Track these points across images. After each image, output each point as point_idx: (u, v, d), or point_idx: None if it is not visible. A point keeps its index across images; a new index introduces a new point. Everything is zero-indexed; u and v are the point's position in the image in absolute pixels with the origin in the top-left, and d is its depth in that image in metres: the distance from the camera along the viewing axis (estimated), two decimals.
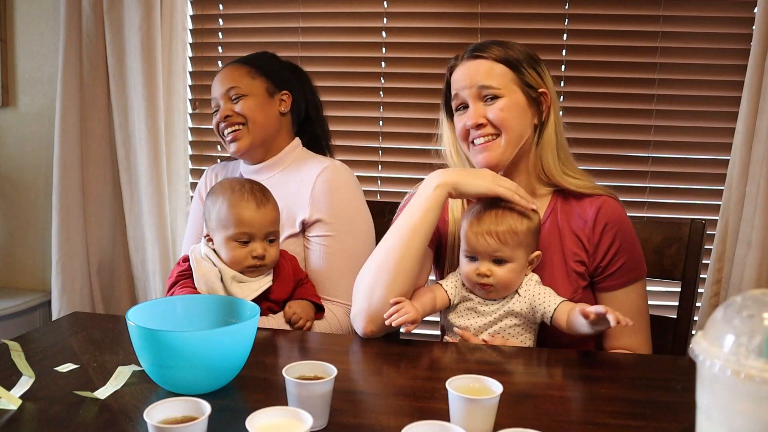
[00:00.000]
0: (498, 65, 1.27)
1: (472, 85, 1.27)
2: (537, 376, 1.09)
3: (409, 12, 2.20)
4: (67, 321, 1.32)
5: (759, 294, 0.60)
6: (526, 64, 1.29)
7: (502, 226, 1.18)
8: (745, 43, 1.93)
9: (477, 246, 1.19)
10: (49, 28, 2.32)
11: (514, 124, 1.26)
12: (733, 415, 0.58)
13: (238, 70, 1.54)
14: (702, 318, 1.93)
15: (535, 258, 1.22)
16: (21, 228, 2.44)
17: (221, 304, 1.10)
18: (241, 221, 1.30)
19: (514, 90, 1.27)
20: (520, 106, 1.27)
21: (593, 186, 1.30)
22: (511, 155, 1.27)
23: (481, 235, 1.18)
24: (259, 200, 1.32)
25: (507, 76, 1.27)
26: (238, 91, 1.51)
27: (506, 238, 1.17)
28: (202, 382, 0.93)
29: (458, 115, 1.32)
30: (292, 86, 1.59)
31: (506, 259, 1.18)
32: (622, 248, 1.26)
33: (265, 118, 1.52)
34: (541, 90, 1.29)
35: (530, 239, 1.20)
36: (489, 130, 1.26)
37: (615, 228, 1.26)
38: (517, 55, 1.29)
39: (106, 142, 2.25)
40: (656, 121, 2.08)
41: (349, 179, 1.52)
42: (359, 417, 0.88)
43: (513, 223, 1.18)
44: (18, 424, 0.85)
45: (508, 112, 1.25)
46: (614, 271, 1.26)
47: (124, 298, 2.33)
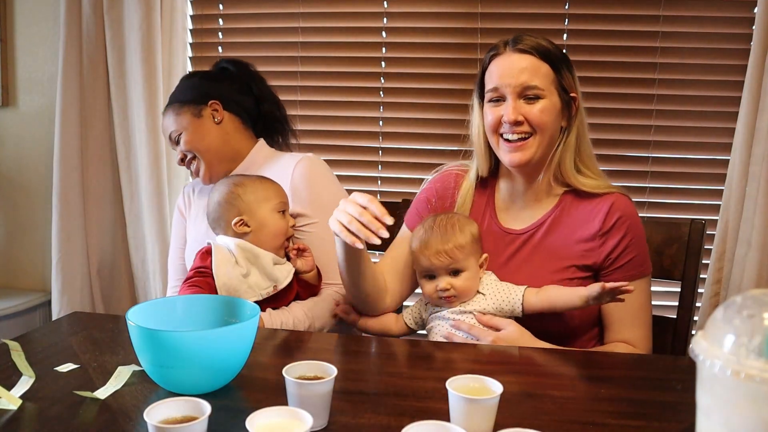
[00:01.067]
0: (543, 65, 1.27)
1: (517, 83, 1.25)
2: (537, 376, 1.09)
3: (409, 12, 2.20)
4: (67, 321, 1.32)
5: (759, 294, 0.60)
6: (565, 66, 1.30)
7: (448, 244, 1.24)
8: (745, 43, 1.93)
9: (431, 267, 1.26)
10: (49, 28, 2.32)
11: (549, 126, 1.27)
12: (733, 415, 0.58)
13: (168, 115, 1.56)
14: (702, 318, 1.93)
15: (484, 260, 1.28)
16: (21, 228, 2.44)
17: (221, 304, 1.10)
18: (278, 192, 1.40)
19: (553, 92, 1.27)
20: (556, 108, 1.28)
21: (608, 186, 1.32)
22: (541, 156, 1.29)
23: (433, 257, 1.25)
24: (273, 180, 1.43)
25: (549, 76, 1.27)
26: (174, 133, 1.55)
27: (455, 253, 1.24)
28: (202, 382, 0.93)
29: (491, 106, 1.30)
30: (216, 91, 1.57)
31: (460, 269, 1.25)
32: (633, 242, 1.28)
33: (204, 139, 1.53)
34: (572, 94, 1.30)
35: (475, 246, 1.27)
36: (525, 129, 1.26)
37: (627, 222, 1.28)
38: (559, 55, 1.29)
39: (106, 142, 2.25)
40: (656, 121, 2.08)
41: (324, 168, 1.56)
42: (359, 417, 0.88)
43: (457, 239, 1.25)
44: (18, 424, 0.85)
45: (547, 115, 1.26)
46: (623, 264, 1.28)
47: (124, 298, 2.33)
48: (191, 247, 1.57)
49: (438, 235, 1.26)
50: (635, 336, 1.28)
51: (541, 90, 1.25)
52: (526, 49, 1.27)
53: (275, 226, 1.37)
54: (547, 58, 1.27)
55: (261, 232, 1.36)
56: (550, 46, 1.29)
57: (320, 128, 2.27)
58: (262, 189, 1.39)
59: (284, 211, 1.40)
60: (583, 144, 1.33)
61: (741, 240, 1.85)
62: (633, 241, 1.28)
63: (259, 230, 1.36)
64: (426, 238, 1.27)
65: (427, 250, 1.26)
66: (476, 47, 2.15)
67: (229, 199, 1.38)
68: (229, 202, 1.38)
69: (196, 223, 1.60)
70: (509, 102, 1.26)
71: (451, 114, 2.18)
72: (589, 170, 1.32)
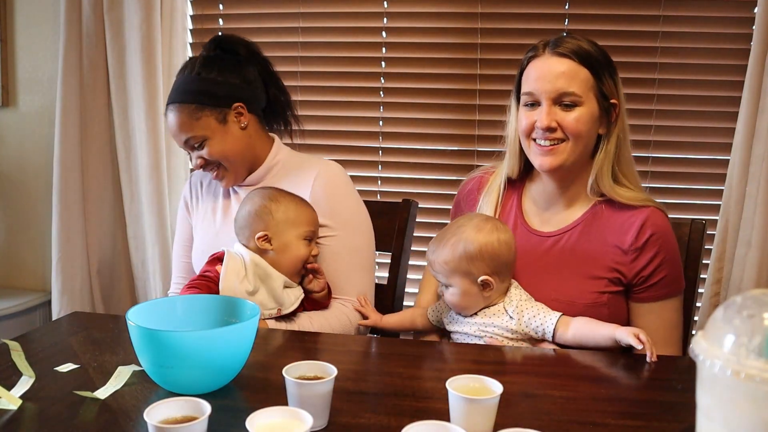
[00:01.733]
0: (582, 69, 1.22)
1: (552, 89, 1.21)
2: (537, 376, 1.09)
3: (409, 12, 2.19)
4: (67, 321, 1.32)
5: (759, 294, 0.60)
6: (606, 71, 1.24)
7: (437, 256, 1.25)
8: (745, 43, 1.93)
9: (432, 271, 1.29)
10: (49, 28, 2.32)
11: (584, 134, 1.23)
12: (733, 415, 0.58)
13: (181, 116, 1.40)
14: (702, 318, 1.93)
15: (483, 282, 1.22)
16: (21, 228, 2.44)
17: (221, 304, 1.10)
18: (310, 220, 1.37)
19: (591, 99, 1.23)
20: (593, 116, 1.23)
21: (644, 199, 1.27)
22: (573, 162, 1.25)
23: (429, 263, 1.29)
24: (311, 205, 1.39)
25: (588, 82, 1.22)
26: (196, 140, 1.42)
27: (440, 267, 1.25)
28: (202, 382, 0.93)
29: (526, 110, 1.26)
30: (240, 92, 1.45)
31: (447, 284, 1.26)
32: (666, 260, 1.24)
33: (232, 146, 1.43)
34: (613, 101, 1.25)
35: (467, 266, 1.22)
36: (558, 135, 1.23)
37: (660, 240, 1.23)
38: (601, 59, 1.24)
39: (106, 142, 2.25)
40: (656, 121, 2.08)
41: (345, 178, 1.51)
42: (359, 417, 0.88)
43: (444, 255, 1.24)
44: (18, 424, 0.85)
45: (582, 124, 1.22)
46: (655, 283, 1.24)
47: (124, 298, 2.33)
48: (198, 248, 1.53)
49: (436, 244, 1.27)
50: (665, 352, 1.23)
51: (578, 97, 1.21)
52: (565, 52, 1.22)
53: (297, 253, 1.34)
54: (587, 62, 1.22)
55: (281, 254, 1.33)
56: (592, 49, 1.24)
57: (320, 128, 2.27)
58: (294, 211, 1.35)
59: (311, 240, 1.36)
60: (624, 152, 1.28)
61: (741, 240, 1.85)
62: (666, 259, 1.24)
63: (280, 252, 1.33)
64: (434, 241, 1.28)
65: (430, 255, 1.28)
66: (476, 47, 2.15)
67: (260, 213, 1.34)
68: (259, 215, 1.34)
69: (205, 222, 1.55)
70: (543, 108, 1.22)
71: (451, 114, 2.18)
72: (627, 180, 1.28)
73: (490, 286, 1.22)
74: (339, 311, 1.42)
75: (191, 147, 1.44)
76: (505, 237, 1.24)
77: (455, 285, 1.24)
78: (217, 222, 1.52)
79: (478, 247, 1.21)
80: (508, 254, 1.24)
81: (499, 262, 1.22)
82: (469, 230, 1.23)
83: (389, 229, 1.62)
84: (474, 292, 1.23)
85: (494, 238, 1.22)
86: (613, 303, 1.25)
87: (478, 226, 1.24)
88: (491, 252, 1.21)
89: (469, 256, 1.21)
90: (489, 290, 1.23)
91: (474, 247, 1.21)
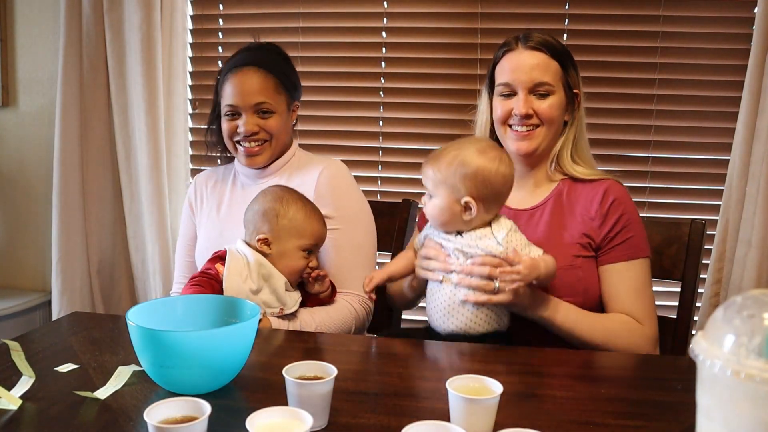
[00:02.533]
0: (553, 62, 1.34)
1: (528, 80, 1.33)
2: (537, 376, 1.09)
3: (409, 12, 2.20)
4: (67, 321, 1.32)
5: (759, 294, 0.60)
6: (571, 63, 1.38)
7: (432, 164, 1.24)
8: (745, 43, 1.93)
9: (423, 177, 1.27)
10: (49, 28, 2.32)
11: (556, 120, 1.36)
12: (733, 415, 0.58)
13: (266, 82, 1.48)
14: (702, 318, 1.93)
15: (465, 203, 1.20)
16: (21, 228, 2.44)
17: (221, 304, 1.10)
18: (314, 233, 1.35)
19: (560, 88, 1.36)
20: (562, 104, 1.37)
21: (601, 173, 1.39)
22: (545, 147, 1.37)
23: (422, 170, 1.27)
24: (322, 217, 1.39)
25: (558, 73, 1.35)
26: (268, 107, 1.47)
27: (431, 174, 1.24)
28: (202, 382, 0.93)
29: (502, 99, 1.37)
30: (300, 92, 1.60)
31: (432, 194, 1.24)
32: (629, 224, 1.32)
33: (285, 135, 1.54)
34: (575, 91, 1.39)
35: (456, 182, 1.20)
36: (533, 121, 1.34)
37: (623, 204, 1.33)
38: (566, 53, 1.37)
39: (106, 142, 2.25)
40: (656, 121, 2.08)
41: (349, 176, 1.55)
42: (359, 417, 0.88)
43: (438, 164, 1.23)
44: (18, 424, 0.85)
45: (555, 110, 1.35)
46: (619, 244, 1.31)
47: (124, 298, 2.33)
48: (202, 245, 1.54)
49: (435, 152, 1.26)
50: (640, 311, 1.30)
51: (551, 86, 1.34)
52: (537, 46, 1.34)
53: (293, 263, 1.33)
54: (556, 55, 1.35)
55: (278, 260, 1.33)
56: (558, 45, 1.37)
57: (320, 128, 2.27)
58: (301, 222, 1.34)
59: (311, 252, 1.36)
60: (581, 138, 1.41)
61: (741, 240, 1.85)
62: (629, 223, 1.32)
63: (277, 257, 1.33)
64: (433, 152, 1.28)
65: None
66: (476, 47, 2.15)
67: (267, 214, 1.34)
68: (265, 215, 1.34)
69: (210, 220, 1.56)
70: (520, 97, 1.34)
71: (451, 114, 2.18)
72: (583, 161, 1.40)
73: (470, 210, 1.20)
74: (339, 303, 1.42)
75: (256, 111, 1.47)
76: (505, 170, 1.22)
77: (439, 197, 1.23)
78: (222, 217, 1.54)
79: (474, 168, 1.20)
80: (502, 187, 1.22)
81: (490, 191, 1.21)
82: (472, 150, 1.22)
83: (389, 229, 1.62)
84: (455, 210, 1.21)
85: (494, 166, 1.21)
86: (585, 267, 1.32)
87: (482, 149, 1.23)
88: (485, 177, 1.20)
89: (462, 173, 1.20)
90: (469, 215, 1.21)
91: (470, 167, 1.20)
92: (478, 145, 1.24)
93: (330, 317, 1.38)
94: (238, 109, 1.47)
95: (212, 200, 1.58)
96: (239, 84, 1.47)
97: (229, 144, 1.52)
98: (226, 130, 1.50)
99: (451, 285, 1.21)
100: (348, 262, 1.46)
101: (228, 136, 1.51)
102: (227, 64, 1.55)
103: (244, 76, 1.47)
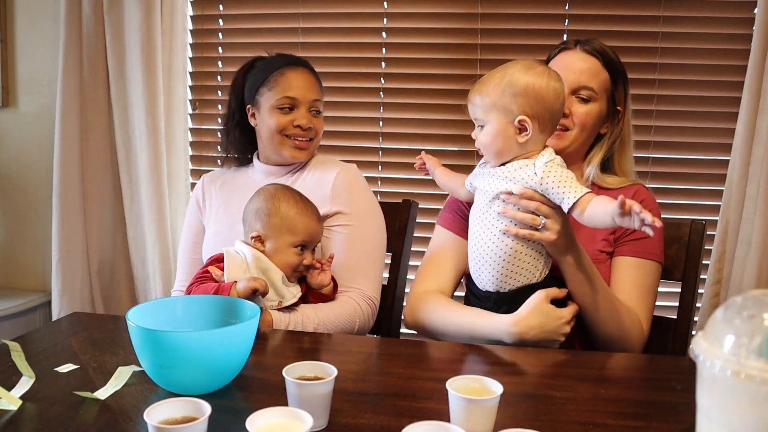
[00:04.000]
0: (604, 71, 1.35)
1: (575, 81, 1.32)
2: (537, 376, 1.09)
3: (410, 12, 2.20)
4: (67, 321, 1.32)
5: (759, 294, 0.60)
6: (621, 80, 1.38)
7: (478, 90, 1.20)
8: (745, 44, 1.93)
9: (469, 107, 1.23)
10: (49, 28, 2.32)
11: (590, 128, 1.35)
12: (733, 415, 0.58)
13: (317, 84, 1.56)
14: (702, 318, 1.93)
15: (520, 123, 1.17)
16: (21, 228, 2.44)
17: (221, 304, 1.10)
18: (307, 230, 1.35)
19: (603, 99, 1.35)
20: (601, 115, 1.36)
21: (632, 181, 1.39)
22: (574, 150, 1.36)
23: (468, 99, 1.23)
24: (316, 213, 1.39)
25: (605, 84, 1.35)
26: (319, 106, 1.55)
27: (479, 101, 1.20)
28: (202, 382, 0.93)
29: None
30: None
31: (483, 123, 1.21)
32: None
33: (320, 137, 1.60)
34: (619, 107, 1.38)
35: (507, 102, 1.17)
36: (567, 123, 1.33)
37: (649, 207, 1.26)
38: (620, 69, 1.37)
39: (106, 142, 2.25)
40: (656, 122, 2.08)
41: (363, 179, 1.59)
42: (359, 417, 0.88)
43: (486, 88, 1.19)
44: (18, 425, 0.85)
45: (591, 118, 1.33)
46: (634, 240, 1.31)
47: (124, 298, 2.33)
48: (212, 239, 1.55)
49: (480, 80, 1.21)
50: (641, 311, 1.29)
51: (594, 93, 1.33)
52: (593, 51, 1.35)
53: (286, 260, 1.34)
54: (609, 66, 1.35)
55: (273, 256, 1.34)
56: (615, 57, 1.37)
57: None
58: (292, 218, 1.35)
59: (304, 248, 1.36)
60: (622, 155, 1.40)
61: (741, 240, 1.85)
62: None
63: (271, 254, 1.34)
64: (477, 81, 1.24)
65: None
66: (476, 48, 2.15)
67: (260, 212, 1.36)
68: (257, 214, 1.36)
69: (218, 215, 1.57)
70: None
71: (451, 114, 2.18)
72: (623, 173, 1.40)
73: (526, 130, 1.17)
74: (344, 300, 1.42)
75: (310, 108, 1.53)
76: (555, 84, 1.19)
77: (491, 123, 1.19)
78: (233, 211, 1.53)
79: (525, 84, 1.17)
80: (555, 102, 1.18)
81: (543, 107, 1.17)
82: (517, 68, 1.19)
83: (389, 229, 1.62)
84: (509, 133, 1.18)
85: (543, 80, 1.17)
86: (609, 264, 1.33)
87: (529, 65, 1.19)
88: (536, 92, 1.17)
89: (512, 91, 1.17)
90: (525, 135, 1.17)
91: (520, 84, 1.17)
92: (523, 63, 1.20)
93: (334, 313, 1.38)
94: (297, 102, 1.51)
95: (222, 197, 1.60)
96: (298, 79, 1.52)
97: (274, 138, 1.52)
98: (277, 124, 1.51)
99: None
100: (358, 258, 1.47)
101: (278, 129, 1.51)
102: (271, 63, 1.56)
103: (302, 73, 1.54)
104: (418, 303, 1.36)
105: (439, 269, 1.40)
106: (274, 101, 1.51)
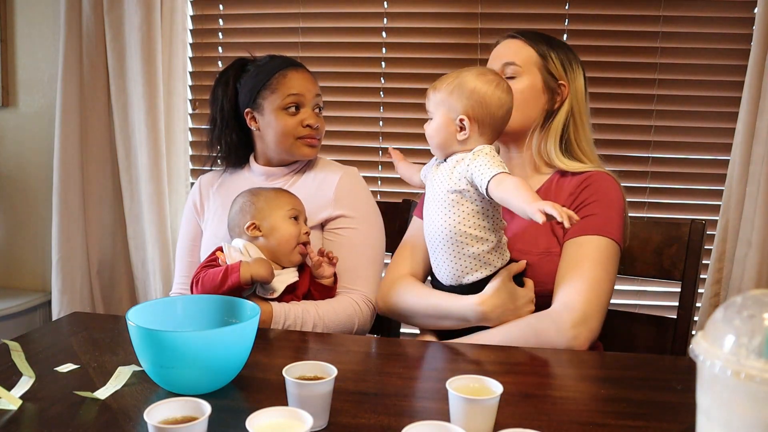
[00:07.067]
0: (527, 47, 1.37)
1: (500, 63, 1.37)
2: (537, 376, 1.09)
3: (410, 12, 2.20)
4: (67, 321, 1.32)
5: (759, 294, 0.60)
6: (555, 55, 1.37)
7: (433, 87, 1.27)
8: (745, 44, 1.93)
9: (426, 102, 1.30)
10: (49, 28, 2.32)
11: (523, 102, 1.33)
12: (733, 415, 0.58)
13: (317, 83, 1.57)
14: (702, 318, 1.93)
15: (460, 121, 1.22)
16: (21, 228, 2.44)
17: (221, 304, 1.10)
18: (291, 201, 1.40)
19: (534, 72, 1.35)
20: (535, 88, 1.35)
21: (593, 166, 1.35)
22: (516, 129, 1.35)
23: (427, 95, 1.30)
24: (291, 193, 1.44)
25: (532, 58, 1.36)
26: (321, 102, 1.57)
27: (431, 95, 1.27)
28: (202, 382, 0.93)
29: None
30: None
31: (431, 116, 1.28)
32: (597, 202, 1.28)
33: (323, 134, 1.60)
34: (561, 82, 1.36)
35: (452, 101, 1.23)
36: None
37: (597, 185, 1.30)
38: (550, 45, 1.38)
39: (106, 142, 2.25)
40: (656, 122, 2.08)
41: (364, 182, 1.60)
42: (359, 417, 0.88)
43: (438, 85, 1.26)
44: (18, 424, 0.85)
45: (520, 92, 1.33)
46: (582, 217, 1.23)
47: (124, 298, 2.33)
48: (210, 241, 1.55)
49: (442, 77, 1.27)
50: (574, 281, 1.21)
51: (519, 67, 1.35)
52: (514, 35, 1.40)
53: (286, 231, 1.37)
54: (533, 42, 1.37)
55: (272, 236, 1.36)
56: (540, 35, 1.39)
57: None
58: (274, 197, 1.40)
59: (297, 218, 1.39)
60: (578, 132, 1.37)
61: (741, 240, 1.85)
62: (597, 201, 1.28)
63: (270, 234, 1.37)
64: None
65: None
66: (476, 47, 2.15)
67: (244, 207, 1.40)
68: (242, 209, 1.40)
69: (216, 217, 1.58)
70: None
71: None
72: (585, 157, 1.37)
73: (464, 130, 1.22)
74: (345, 300, 1.43)
75: (314, 106, 1.54)
76: (501, 94, 1.23)
77: (437, 117, 1.26)
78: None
79: (472, 87, 1.22)
80: (497, 109, 1.23)
81: (485, 111, 1.22)
82: (472, 73, 1.25)
83: (389, 229, 1.62)
84: (450, 130, 1.24)
85: (490, 88, 1.23)
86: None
87: (482, 72, 1.26)
88: (481, 97, 1.22)
89: (460, 92, 1.23)
90: (464, 134, 1.23)
91: (468, 87, 1.23)
92: (479, 69, 1.27)
93: (334, 310, 1.39)
94: (302, 99, 1.52)
95: (219, 198, 1.60)
96: (300, 78, 1.54)
97: (286, 140, 1.51)
98: (287, 127, 1.50)
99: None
100: (360, 260, 1.48)
101: (289, 132, 1.51)
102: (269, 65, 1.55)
103: (304, 73, 1.56)
104: (390, 287, 1.40)
105: (412, 255, 1.44)
106: (280, 102, 1.50)
